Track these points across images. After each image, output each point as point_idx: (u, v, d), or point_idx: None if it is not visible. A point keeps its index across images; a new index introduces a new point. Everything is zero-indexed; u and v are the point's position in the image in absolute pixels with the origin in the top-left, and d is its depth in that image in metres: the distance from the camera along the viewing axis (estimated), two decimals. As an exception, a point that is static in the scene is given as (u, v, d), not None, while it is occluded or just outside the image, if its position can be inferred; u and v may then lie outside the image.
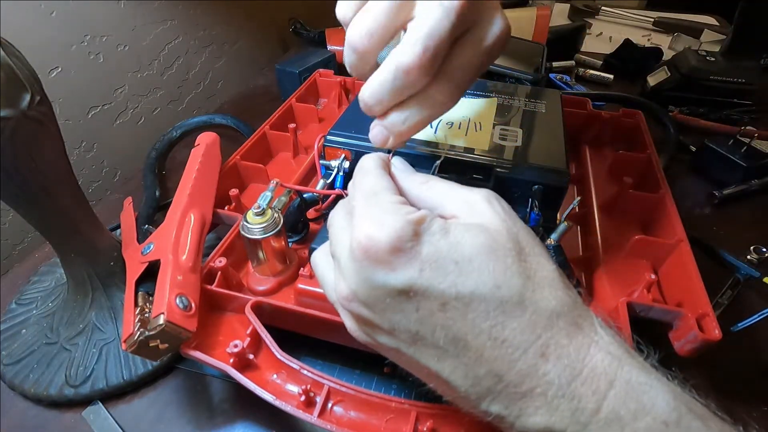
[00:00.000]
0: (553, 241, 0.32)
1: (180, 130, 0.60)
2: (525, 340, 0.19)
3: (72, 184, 0.33)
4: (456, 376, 0.20)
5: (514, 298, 0.20)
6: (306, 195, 0.38)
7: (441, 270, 0.20)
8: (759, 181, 0.52)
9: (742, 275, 0.42)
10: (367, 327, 0.23)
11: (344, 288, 0.22)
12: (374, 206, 0.22)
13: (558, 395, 0.19)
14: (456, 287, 0.20)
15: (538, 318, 0.20)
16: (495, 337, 0.19)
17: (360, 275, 0.21)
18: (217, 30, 0.80)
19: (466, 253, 0.20)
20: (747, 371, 0.36)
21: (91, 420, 0.33)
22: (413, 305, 0.20)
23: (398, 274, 0.20)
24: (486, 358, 0.20)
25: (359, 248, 0.20)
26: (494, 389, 0.20)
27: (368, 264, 0.20)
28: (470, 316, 0.20)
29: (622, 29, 0.92)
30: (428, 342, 0.20)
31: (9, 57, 0.26)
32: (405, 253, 0.20)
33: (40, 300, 0.40)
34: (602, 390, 0.19)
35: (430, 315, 0.20)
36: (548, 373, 0.19)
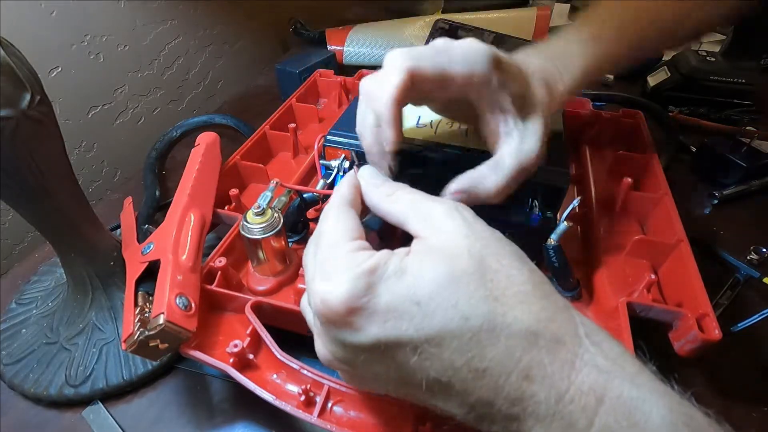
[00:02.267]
0: (553, 241, 0.32)
1: (180, 130, 0.60)
2: (506, 366, 0.19)
3: (72, 184, 0.33)
4: (450, 407, 0.21)
5: (485, 326, 0.19)
6: (306, 195, 0.38)
7: (404, 316, 0.19)
8: (759, 182, 0.52)
9: (742, 275, 0.42)
10: (356, 379, 0.24)
11: (322, 350, 0.23)
12: (327, 260, 0.21)
13: (549, 414, 0.19)
14: (423, 330, 0.19)
15: (515, 341, 0.19)
16: (475, 368, 0.19)
17: (329, 336, 0.21)
18: (217, 30, 0.80)
19: (426, 291, 0.19)
20: (747, 371, 0.36)
21: (91, 420, 0.33)
22: (389, 356, 0.20)
23: (362, 332, 0.20)
24: (471, 389, 0.19)
25: (318, 312, 0.20)
26: (488, 414, 0.20)
27: (332, 327, 0.21)
28: (445, 355, 0.19)
29: (622, 29, 0.92)
30: (415, 383, 0.21)
31: (9, 57, 0.26)
32: (362, 309, 0.19)
33: (40, 300, 0.40)
34: (592, 407, 0.18)
35: (407, 362, 0.20)
36: (536, 394, 0.19)
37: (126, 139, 0.68)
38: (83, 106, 0.62)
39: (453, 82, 0.25)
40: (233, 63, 0.86)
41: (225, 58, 0.84)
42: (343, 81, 0.59)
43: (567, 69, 0.32)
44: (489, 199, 0.28)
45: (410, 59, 0.24)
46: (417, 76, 0.24)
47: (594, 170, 0.45)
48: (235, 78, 0.87)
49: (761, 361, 0.37)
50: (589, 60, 0.33)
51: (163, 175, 0.57)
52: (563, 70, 0.32)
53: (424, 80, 0.25)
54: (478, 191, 0.27)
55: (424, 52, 0.25)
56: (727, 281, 0.42)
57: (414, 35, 0.76)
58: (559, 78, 0.32)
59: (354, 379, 0.24)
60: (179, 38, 0.73)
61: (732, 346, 0.36)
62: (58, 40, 0.56)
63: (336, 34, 0.80)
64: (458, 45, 0.26)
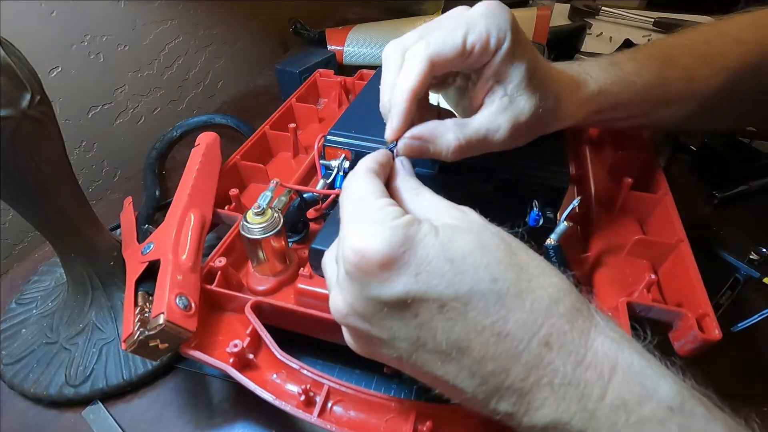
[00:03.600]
0: (553, 241, 0.32)
1: (180, 130, 0.60)
2: (527, 331, 0.19)
3: (72, 184, 0.33)
4: (461, 378, 0.20)
5: (512, 290, 0.20)
6: (306, 195, 0.38)
7: (436, 271, 0.19)
8: (759, 182, 0.52)
9: (742, 275, 0.42)
10: (364, 342, 0.23)
11: (340, 303, 0.22)
12: (360, 216, 0.21)
13: (564, 383, 0.19)
14: (454, 287, 0.19)
15: (538, 307, 0.20)
16: (498, 332, 0.19)
17: (355, 289, 0.21)
18: (217, 30, 0.80)
19: (458, 250, 0.20)
20: (747, 371, 0.36)
21: (90, 420, 0.33)
22: (412, 312, 0.20)
23: (393, 284, 0.19)
24: (491, 354, 0.19)
25: (351, 264, 0.20)
26: (501, 386, 0.20)
27: (362, 278, 0.20)
28: (471, 314, 0.19)
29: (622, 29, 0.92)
30: (429, 347, 0.20)
31: (9, 57, 0.26)
32: (397, 261, 0.19)
33: (40, 300, 0.40)
34: (606, 375, 0.19)
35: (430, 319, 0.20)
36: (553, 361, 0.19)
37: (126, 139, 0.68)
38: (83, 106, 0.62)
39: (472, 53, 0.26)
40: (233, 63, 0.86)
41: (225, 58, 0.84)
42: (343, 81, 0.59)
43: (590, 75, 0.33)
44: (442, 155, 0.28)
45: (431, 47, 0.25)
46: (437, 63, 0.25)
47: (594, 170, 0.45)
48: (235, 78, 0.87)
49: (761, 361, 0.37)
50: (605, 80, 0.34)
51: (163, 175, 0.57)
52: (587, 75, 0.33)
53: (445, 62, 0.25)
54: (436, 143, 0.27)
55: (441, 33, 0.25)
56: (727, 281, 0.42)
57: (414, 35, 0.76)
58: (588, 78, 0.33)
59: (365, 341, 0.22)
60: (179, 38, 0.73)
61: (732, 346, 0.36)
62: (58, 40, 0.56)
63: (336, 34, 0.80)
64: (475, 12, 0.26)
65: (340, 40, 0.78)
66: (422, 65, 0.25)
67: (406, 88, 0.25)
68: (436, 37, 0.25)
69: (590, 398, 0.19)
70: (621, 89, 0.34)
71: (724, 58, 0.37)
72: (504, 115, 0.28)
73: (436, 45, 0.25)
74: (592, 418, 0.19)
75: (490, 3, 0.26)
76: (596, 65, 0.34)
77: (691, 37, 0.39)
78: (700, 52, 0.37)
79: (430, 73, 0.25)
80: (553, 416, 0.19)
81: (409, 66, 0.26)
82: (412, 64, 0.25)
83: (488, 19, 0.26)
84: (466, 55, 0.26)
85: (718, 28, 0.39)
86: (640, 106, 0.36)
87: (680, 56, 0.37)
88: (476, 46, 0.25)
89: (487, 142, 0.28)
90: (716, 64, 0.37)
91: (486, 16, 0.26)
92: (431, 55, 0.25)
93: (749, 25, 0.39)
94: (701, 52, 0.37)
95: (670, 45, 0.38)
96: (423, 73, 0.25)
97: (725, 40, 0.38)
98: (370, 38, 0.78)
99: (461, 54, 0.26)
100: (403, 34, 0.29)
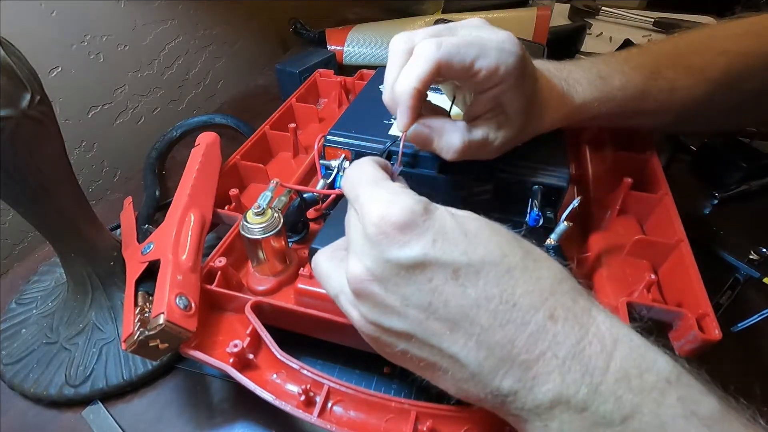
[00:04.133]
0: (553, 241, 0.32)
1: (180, 130, 0.60)
2: (534, 303, 0.20)
3: (72, 184, 0.33)
4: (468, 349, 0.21)
5: (520, 265, 0.21)
6: (306, 195, 0.38)
7: (452, 240, 0.21)
8: (759, 182, 0.52)
9: (742, 275, 0.42)
10: (377, 311, 0.22)
11: (358, 268, 0.22)
12: (382, 188, 0.23)
13: (569, 356, 0.20)
14: (467, 255, 0.21)
15: (544, 283, 0.21)
16: (506, 300, 0.20)
17: (374, 252, 0.21)
18: (217, 30, 0.80)
19: (472, 228, 0.22)
20: (747, 371, 0.36)
21: (90, 420, 0.33)
22: (426, 276, 0.21)
23: (412, 247, 0.21)
24: (498, 323, 0.20)
25: (373, 227, 0.21)
26: (507, 359, 0.20)
27: (381, 239, 0.21)
28: (481, 282, 0.20)
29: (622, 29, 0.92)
30: (440, 314, 0.21)
31: (9, 57, 0.26)
32: (417, 226, 0.21)
33: (40, 300, 0.40)
34: (609, 348, 0.20)
35: (443, 284, 0.21)
36: (558, 334, 0.20)
37: (126, 139, 0.68)
38: (83, 106, 0.62)
39: (477, 74, 0.27)
40: (233, 63, 0.86)
41: (225, 58, 0.84)
42: (343, 81, 0.59)
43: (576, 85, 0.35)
44: (443, 151, 0.30)
45: (441, 52, 0.26)
46: (443, 67, 0.26)
47: (594, 170, 0.45)
48: (235, 78, 0.87)
49: (761, 361, 0.37)
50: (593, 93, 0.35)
51: (163, 175, 0.57)
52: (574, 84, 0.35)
53: (450, 71, 0.26)
54: (441, 138, 0.29)
55: (456, 44, 0.26)
56: (727, 281, 0.42)
57: (414, 35, 0.76)
58: (573, 93, 0.35)
59: (377, 312, 0.22)
60: (179, 38, 0.73)
61: (732, 346, 0.36)
62: (58, 40, 0.56)
63: (336, 34, 0.80)
64: (491, 42, 0.27)
65: (340, 40, 0.78)
66: (428, 65, 0.26)
67: (411, 85, 0.26)
68: (449, 43, 0.26)
69: (594, 371, 0.19)
70: (602, 103, 0.35)
71: (708, 69, 0.38)
72: (501, 132, 0.30)
73: (447, 51, 0.26)
74: (596, 392, 0.19)
75: (506, 38, 0.27)
76: (585, 77, 0.35)
77: (683, 45, 0.40)
78: (686, 63, 0.38)
79: (435, 75, 0.26)
80: (558, 390, 0.19)
81: (416, 62, 0.26)
82: (420, 62, 0.26)
83: (501, 53, 0.27)
84: (471, 74, 0.27)
85: (711, 36, 0.40)
86: (617, 117, 0.37)
87: (666, 68, 0.37)
88: (482, 72, 0.27)
89: (482, 150, 0.30)
90: (699, 75, 0.38)
91: (499, 50, 0.27)
92: (440, 58, 0.26)
93: (737, 34, 0.40)
94: (687, 64, 0.38)
95: (660, 55, 0.39)
96: (429, 72, 0.26)
97: (712, 50, 0.39)
98: (370, 38, 0.78)
99: (467, 72, 0.27)
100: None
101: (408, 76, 0.26)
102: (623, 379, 0.19)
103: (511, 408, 0.21)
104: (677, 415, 0.19)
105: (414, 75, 0.26)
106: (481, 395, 0.21)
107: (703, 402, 0.19)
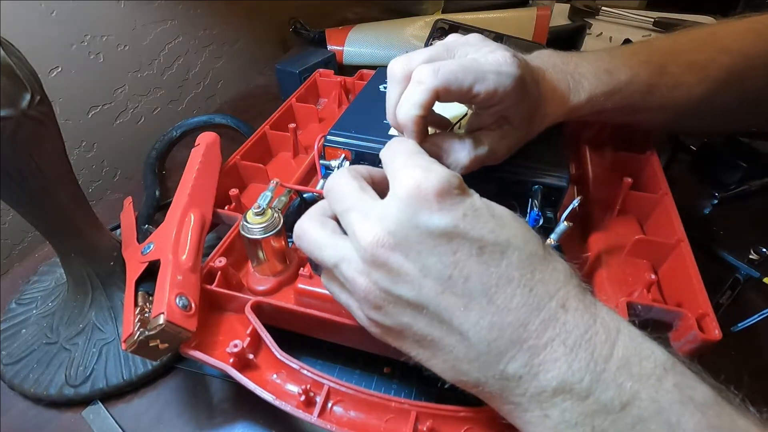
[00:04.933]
0: (553, 241, 0.32)
1: (180, 130, 0.60)
2: (549, 291, 0.21)
3: (72, 184, 0.33)
4: (480, 327, 0.21)
5: (539, 253, 0.22)
6: (306, 195, 0.38)
7: (482, 218, 0.21)
8: (759, 182, 0.52)
9: (742, 275, 0.42)
10: (390, 278, 0.22)
11: (377, 231, 0.22)
12: (420, 158, 0.23)
13: (576, 344, 0.20)
14: (494, 233, 0.21)
15: (558, 274, 0.22)
16: (524, 284, 0.21)
17: (402, 216, 0.21)
18: (217, 30, 0.80)
19: (500, 212, 0.23)
20: (747, 371, 0.36)
21: (90, 420, 0.33)
22: (452, 248, 0.21)
23: (443, 215, 0.21)
24: (515, 305, 0.21)
25: (406, 190, 0.21)
26: (517, 341, 0.21)
27: (414, 204, 0.21)
28: (504, 262, 0.21)
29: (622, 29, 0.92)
30: (458, 289, 0.21)
31: (9, 57, 0.26)
32: (451, 198, 0.21)
33: (40, 300, 0.40)
34: (612, 337, 0.21)
35: (467, 258, 0.21)
36: (567, 322, 0.21)
37: (126, 139, 0.68)
38: (83, 106, 0.62)
39: (476, 97, 0.27)
40: (233, 63, 0.86)
41: (225, 58, 0.84)
42: (343, 81, 0.59)
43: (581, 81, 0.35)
44: (451, 167, 0.30)
45: (439, 80, 0.26)
46: (441, 93, 0.26)
47: (594, 170, 0.45)
48: (235, 78, 0.87)
49: (761, 361, 0.37)
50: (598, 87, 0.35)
51: (163, 175, 0.57)
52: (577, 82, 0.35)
53: (448, 95, 0.26)
54: (449, 156, 0.30)
55: (453, 70, 0.26)
56: (727, 281, 0.42)
57: (414, 35, 0.76)
58: (579, 87, 0.35)
59: (389, 278, 0.22)
60: (179, 38, 0.73)
61: (732, 346, 0.36)
62: (58, 40, 0.56)
63: (336, 34, 0.80)
64: (488, 65, 0.27)
65: (340, 40, 0.78)
66: (426, 95, 0.26)
67: (412, 114, 0.27)
68: (445, 69, 0.26)
69: (599, 359, 0.20)
70: (608, 98, 0.35)
71: (711, 67, 0.38)
72: (504, 141, 0.31)
73: (445, 78, 0.26)
74: (599, 380, 0.20)
75: (503, 60, 0.27)
76: (592, 71, 0.35)
77: (685, 42, 0.40)
78: (690, 60, 0.38)
79: (433, 101, 0.27)
80: (563, 378, 0.20)
81: (415, 89, 0.26)
82: (418, 91, 0.26)
83: (498, 76, 0.27)
84: (470, 98, 0.27)
85: (712, 34, 0.41)
86: (623, 111, 0.37)
87: (670, 64, 0.38)
88: (481, 95, 0.27)
89: (489, 160, 0.31)
90: (702, 72, 0.38)
91: (497, 74, 0.27)
92: (437, 86, 0.26)
93: (739, 33, 0.40)
94: (690, 61, 0.38)
95: (664, 51, 0.39)
96: (427, 101, 0.26)
97: (715, 48, 0.39)
98: (370, 38, 0.78)
99: (465, 96, 0.27)
100: (403, 34, 0.29)
101: (407, 104, 0.27)
102: (625, 367, 0.20)
103: (512, 394, 0.21)
104: (674, 401, 0.19)
105: (413, 103, 0.26)
106: (482, 379, 0.22)
107: (698, 388, 0.20)
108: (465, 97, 0.27)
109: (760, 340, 0.38)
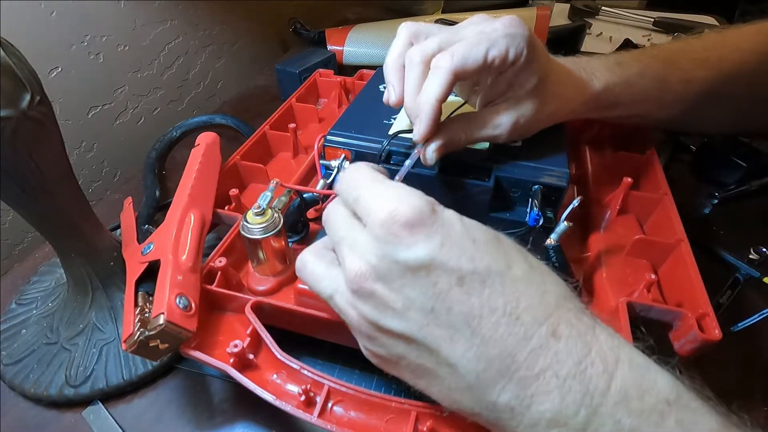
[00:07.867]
0: (553, 241, 0.32)
1: (180, 130, 0.60)
2: (537, 318, 0.20)
3: (72, 184, 0.33)
4: (467, 359, 0.20)
5: (525, 279, 0.21)
6: (306, 195, 0.38)
7: (460, 246, 0.20)
8: (759, 182, 0.52)
9: (742, 275, 0.42)
10: (377, 311, 0.22)
11: (361, 265, 0.21)
12: (387, 188, 0.22)
13: (570, 375, 0.19)
14: (473, 262, 0.20)
15: (549, 297, 0.21)
16: (509, 313, 0.20)
17: (380, 250, 0.21)
18: (217, 30, 0.80)
19: (479, 236, 0.21)
20: (747, 371, 0.36)
21: (91, 420, 0.33)
22: (431, 280, 0.20)
23: (419, 247, 0.20)
24: (500, 335, 0.20)
25: (379, 224, 0.21)
26: (506, 373, 0.20)
27: (390, 238, 0.20)
28: (486, 291, 0.20)
29: (622, 29, 0.92)
30: (442, 321, 0.20)
31: (9, 57, 0.26)
32: (426, 227, 0.20)
33: (40, 300, 0.40)
34: (610, 369, 0.19)
35: (448, 289, 0.20)
36: (560, 352, 0.19)
37: (126, 139, 0.68)
38: (83, 106, 0.62)
39: (492, 65, 0.28)
40: (233, 63, 0.86)
41: (225, 58, 0.84)
42: (343, 81, 0.59)
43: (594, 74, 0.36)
44: (451, 149, 0.32)
45: (456, 60, 0.28)
46: (460, 73, 0.28)
47: (594, 170, 0.45)
48: (235, 78, 0.87)
49: (761, 361, 0.37)
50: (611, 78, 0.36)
51: (163, 175, 0.57)
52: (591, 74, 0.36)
53: (466, 73, 0.28)
54: (452, 145, 0.31)
55: (466, 47, 0.28)
56: (727, 281, 0.42)
57: (414, 35, 0.76)
58: (593, 77, 0.36)
59: (377, 311, 0.22)
60: (179, 38, 0.73)
61: (732, 346, 0.36)
62: (58, 40, 0.56)
63: (336, 34, 0.80)
64: (497, 31, 0.28)
65: (340, 40, 0.78)
66: (447, 77, 0.28)
67: (433, 97, 0.28)
68: (459, 50, 0.28)
69: (594, 393, 0.19)
70: (623, 89, 0.36)
71: (722, 63, 0.39)
72: (507, 115, 0.31)
73: (460, 58, 0.28)
74: (595, 414, 0.19)
75: (510, 21, 0.29)
76: (602, 65, 0.36)
77: (694, 43, 0.41)
78: (701, 57, 0.39)
79: (453, 83, 0.28)
80: (557, 411, 0.19)
81: (435, 76, 0.28)
82: (438, 75, 0.28)
83: (508, 37, 0.28)
84: (486, 68, 0.28)
85: (722, 35, 0.42)
86: (638, 105, 0.38)
87: (681, 60, 0.38)
88: (496, 60, 0.28)
89: (488, 136, 0.32)
90: (713, 68, 0.38)
91: (506, 35, 0.28)
92: (455, 67, 0.28)
93: (751, 33, 0.41)
94: (702, 57, 0.39)
95: (673, 49, 0.40)
96: (448, 83, 0.28)
97: (726, 46, 0.40)
98: (370, 38, 0.78)
99: (482, 67, 0.28)
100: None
101: (431, 89, 0.28)
102: (623, 402, 0.19)
103: (507, 425, 0.20)
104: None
105: (436, 86, 0.28)
106: (476, 408, 0.21)
107: (702, 423, 0.19)
108: (482, 70, 0.28)
109: (760, 340, 0.38)
